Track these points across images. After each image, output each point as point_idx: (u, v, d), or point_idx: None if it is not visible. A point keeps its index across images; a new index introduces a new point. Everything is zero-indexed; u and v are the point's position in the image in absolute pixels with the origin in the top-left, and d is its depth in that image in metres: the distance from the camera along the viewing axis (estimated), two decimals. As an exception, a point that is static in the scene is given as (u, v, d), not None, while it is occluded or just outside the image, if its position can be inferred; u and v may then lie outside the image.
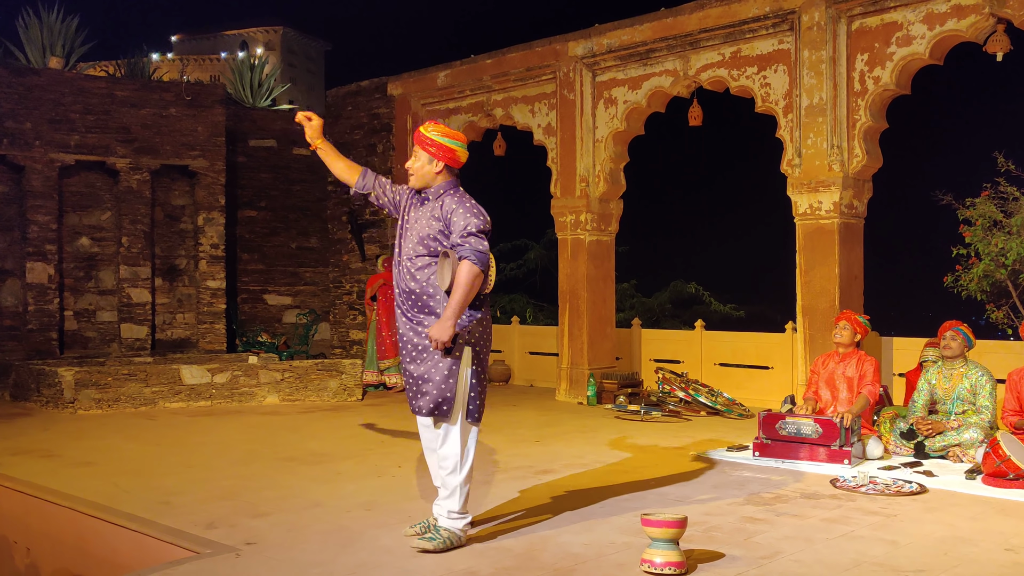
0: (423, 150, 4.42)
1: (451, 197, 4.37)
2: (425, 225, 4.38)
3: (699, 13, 9.25)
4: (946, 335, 6.71)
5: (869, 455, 6.53)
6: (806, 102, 8.52)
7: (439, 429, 4.39)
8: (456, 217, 4.29)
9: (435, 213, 4.36)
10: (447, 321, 4.18)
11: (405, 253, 4.42)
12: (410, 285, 4.38)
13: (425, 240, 4.35)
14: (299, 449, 7.22)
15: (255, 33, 62.82)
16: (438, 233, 4.33)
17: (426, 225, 4.37)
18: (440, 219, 4.34)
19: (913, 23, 7.98)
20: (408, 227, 4.47)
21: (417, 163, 4.43)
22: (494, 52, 11.25)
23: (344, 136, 13.20)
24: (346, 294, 13.12)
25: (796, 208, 8.61)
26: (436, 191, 4.43)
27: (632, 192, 10.63)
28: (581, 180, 10.28)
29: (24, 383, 10.32)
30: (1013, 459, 5.50)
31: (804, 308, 8.55)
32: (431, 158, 4.42)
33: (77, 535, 5.33)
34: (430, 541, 4.23)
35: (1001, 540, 4.46)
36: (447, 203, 4.35)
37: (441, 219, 4.33)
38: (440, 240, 4.33)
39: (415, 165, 4.44)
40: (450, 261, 4.22)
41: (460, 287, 4.17)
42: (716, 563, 4.08)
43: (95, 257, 11.85)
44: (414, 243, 4.39)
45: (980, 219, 8.45)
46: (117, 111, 11.72)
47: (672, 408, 9.01)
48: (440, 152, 4.40)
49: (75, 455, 7.01)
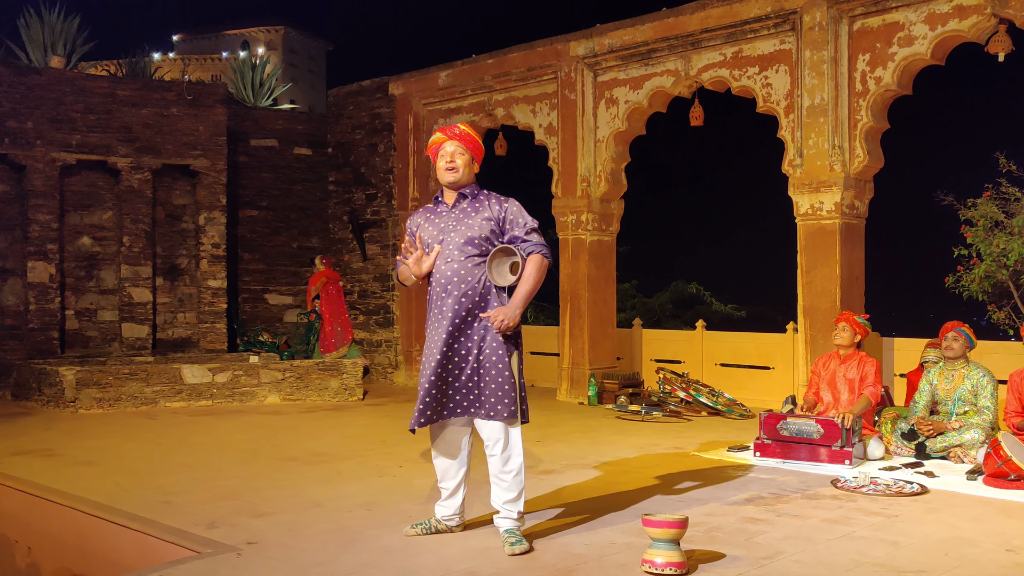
0: (468, 148, 4.48)
1: (495, 197, 4.49)
2: (475, 226, 4.39)
3: (700, 13, 9.25)
4: (948, 336, 6.70)
5: (870, 456, 6.53)
6: (807, 102, 8.52)
7: (499, 433, 4.33)
8: (512, 216, 4.41)
9: (485, 213, 4.42)
10: (516, 308, 4.28)
11: (451, 258, 4.37)
12: (461, 288, 4.33)
13: (476, 240, 4.38)
14: (300, 449, 7.22)
15: (256, 33, 62.84)
16: (490, 233, 4.39)
17: (477, 226, 4.39)
18: (492, 219, 4.40)
19: (915, 23, 7.98)
20: (449, 233, 4.42)
21: (462, 159, 4.46)
22: (495, 52, 11.25)
23: (345, 136, 13.21)
24: (347, 294, 13.13)
25: (797, 208, 8.61)
26: (473, 191, 4.50)
27: (633, 192, 10.64)
28: (582, 180, 10.28)
29: (25, 382, 10.33)
30: (1014, 460, 5.50)
31: (805, 308, 8.55)
32: (473, 159, 4.51)
33: (78, 534, 5.33)
34: (522, 543, 4.22)
35: (1002, 541, 4.45)
36: (494, 202, 4.45)
37: (493, 219, 4.40)
38: (492, 240, 4.39)
39: (460, 161, 4.46)
40: (508, 258, 4.33)
41: (531, 278, 4.31)
42: (717, 563, 4.08)
43: (96, 256, 11.85)
44: (460, 245, 4.38)
45: (981, 220, 8.44)
46: (118, 110, 11.73)
47: (673, 408, 9.01)
48: (478, 153, 4.55)
49: (76, 454, 7.02)
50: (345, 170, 13.21)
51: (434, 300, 4.43)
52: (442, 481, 4.51)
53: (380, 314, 12.72)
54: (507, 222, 4.41)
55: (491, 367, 4.31)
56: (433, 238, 4.47)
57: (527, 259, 4.33)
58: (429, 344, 4.41)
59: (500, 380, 4.29)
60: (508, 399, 4.29)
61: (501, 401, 4.29)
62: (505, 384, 4.29)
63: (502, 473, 4.35)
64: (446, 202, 4.54)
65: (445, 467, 4.49)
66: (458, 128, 4.53)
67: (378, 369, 12.65)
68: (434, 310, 4.42)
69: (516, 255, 4.33)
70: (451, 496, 4.50)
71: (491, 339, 4.33)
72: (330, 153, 13.44)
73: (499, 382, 4.29)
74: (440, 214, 4.52)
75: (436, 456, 4.52)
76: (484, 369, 4.32)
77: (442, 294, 4.38)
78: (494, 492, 4.40)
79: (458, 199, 4.50)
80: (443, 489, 4.51)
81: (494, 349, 4.32)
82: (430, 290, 4.48)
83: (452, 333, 4.32)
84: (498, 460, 4.35)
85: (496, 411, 4.30)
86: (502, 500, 4.36)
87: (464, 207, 4.47)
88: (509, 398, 4.29)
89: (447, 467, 4.48)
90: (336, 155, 13.36)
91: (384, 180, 12.65)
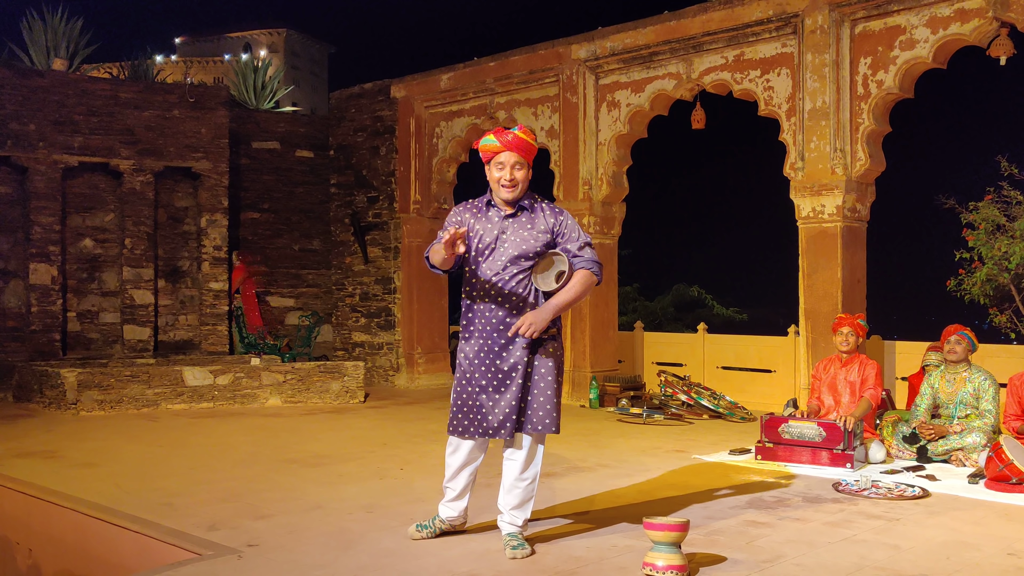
0: (527, 160, 4.31)
1: (549, 207, 4.38)
2: (531, 239, 4.28)
3: (702, 16, 9.26)
4: (950, 339, 6.69)
5: (872, 459, 6.53)
6: (809, 105, 8.52)
7: (529, 444, 4.27)
8: (566, 229, 4.32)
9: (541, 226, 4.30)
10: (547, 313, 4.17)
11: (502, 269, 4.26)
12: (512, 300, 4.24)
13: (530, 254, 4.27)
14: (301, 451, 7.22)
15: (259, 35, 62.87)
16: (543, 247, 4.29)
17: (532, 239, 4.28)
18: (547, 231, 4.30)
19: (916, 27, 7.98)
20: (503, 244, 4.29)
21: (521, 172, 4.29)
22: (497, 55, 11.26)
23: (347, 139, 13.22)
24: (348, 296, 13.13)
25: (799, 211, 8.60)
26: (531, 202, 4.37)
27: (635, 195, 10.64)
28: (584, 183, 10.28)
29: (27, 384, 10.34)
30: (1016, 463, 5.49)
31: (807, 312, 8.54)
32: (529, 168, 4.35)
33: (79, 536, 5.34)
34: (524, 548, 4.21)
35: (1004, 544, 4.45)
36: (548, 214, 4.34)
37: (548, 231, 4.30)
38: (543, 252, 4.29)
39: (520, 175, 4.29)
40: (556, 266, 4.25)
41: (573, 290, 4.23)
42: (718, 567, 4.07)
43: (98, 258, 11.86)
44: (513, 257, 4.26)
45: (983, 223, 8.45)
46: (121, 113, 11.74)
47: (674, 411, 9.00)
48: (532, 158, 4.38)
49: (77, 456, 7.02)
50: (347, 173, 13.22)
51: (479, 310, 4.30)
52: (450, 481, 4.45)
53: (381, 316, 12.72)
54: (561, 235, 4.30)
55: (540, 379, 4.24)
56: (486, 244, 4.32)
57: (575, 272, 4.25)
58: (469, 354, 4.30)
59: (545, 396, 4.24)
60: (552, 415, 4.25)
61: (550, 415, 4.24)
62: (549, 401, 4.24)
63: (518, 480, 4.29)
64: (501, 208, 4.35)
65: (456, 469, 4.41)
66: (517, 136, 4.29)
67: (379, 372, 12.65)
68: (479, 321, 4.29)
69: (566, 264, 4.24)
70: (458, 498, 4.46)
71: (535, 354, 4.25)
72: (332, 156, 13.45)
73: (545, 397, 4.24)
74: (493, 219, 4.35)
75: (452, 456, 4.42)
76: (531, 383, 4.24)
77: (491, 304, 4.27)
78: (504, 496, 4.33)
79: (517, 210, 4.34)
80: (449, 489, 4.46)
81: (537, 367, 4.25)
82: (471, 298, 4.33)
83: (497, 346, 4.25)
84: (517, 467, 4.29)
85: (544, 425, 4.23)
86: (510, 505, 4.31)
87: (522, 219, 4.33)
88: (552, 415, 4.25)
89: (460, 470, 4.41)
90: (338, 158, 13.37)
91: (386, 183, 12.66)
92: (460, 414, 4.31)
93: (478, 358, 4.28)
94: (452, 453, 4.43)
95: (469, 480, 4.45)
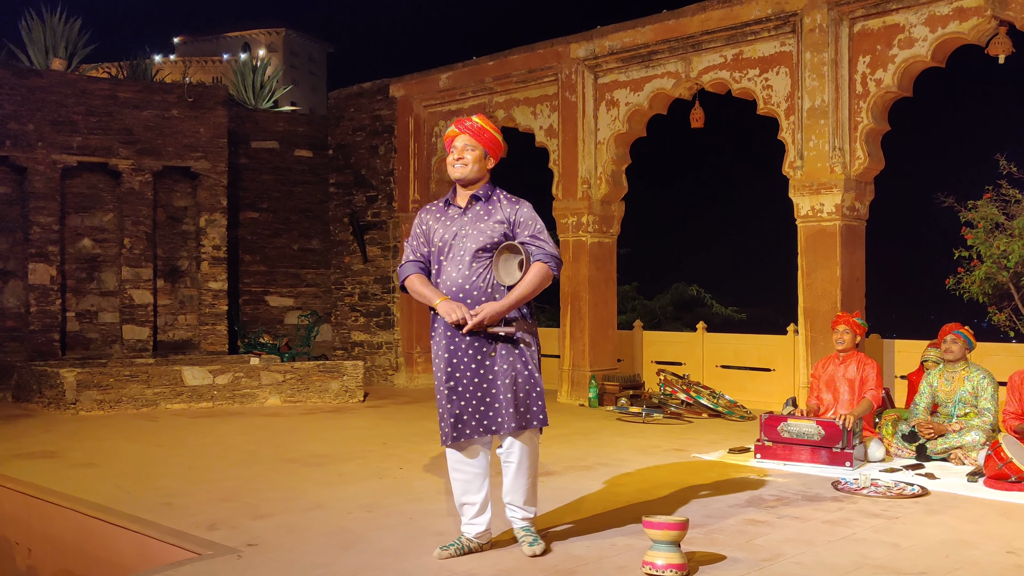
0: (480, 143, 4.24)
1: (508, 198, 4.29)
2: (487, 229, 4.19)
3: (701, 15, 9.26)
4: (947, 338, 6.70)
5: (871, 457, 6.53)
6: (808, 104, 8.52)
7: (518, 440, 4.19)
8: (524, 218, 4.22)
9: (498, 216, 4.21)
10: (504, 307, 4.06)
11: (463, 265, 4.17)
12: (473, 295, 4.13)
13: (489, 247, 4.17)
14: (301, 451, 7.22)
15: (257, 35, 62.84)
16: (502, 236, 4.19)
17: (490, 231, 4.18)
18: (504, 221, 4.21)
19: (915, 25, 7.99)
20: (462, 239, 4.20)
21: (472, 154, 4.22)
22: (496, 54, 11.26)
23: (346, 138, 13.21)
24: (348, 296, 13.13)
25: (798, 210, 8.61)
26: (486, 191, 4.28)
27: (634, 194, 10.64)
28: (583, 182, 10.28)
29: (26, 384, 10.33)
30: (1015, 461, 5.49)
31: (806, 310, 8.55)
32: (487, 153, 4.27)
33: (79, 536, 5.34)
34: (539, 543, 4.18)
35: (1003, 543, 4.45)
36: (505, 203, 4.25)
37: (505, 221, 4.21)
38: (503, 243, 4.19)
39: (470, 156, 4.22)
40: (515, 256, 4.12)
41: (529, 284, 4.11)
42: (717, 565, 4.08)
43: (97, 258, 11.86)
44: (473, 252, 4.16)
45: (982, 221, 8.45)
46: (119, 113, 11.74)
47: (674, 410, 9.00)
48: (494, 149, 4.30)
49: (77, 456, 7.02)
50: (346, 172, 13.22)
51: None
52: (464, 496, 4.24)
53: (380, 316, 12.72)
54: (518, 224, 4.21)
55: (517, 375, 4.13)
56: (445, 242, 4.23)
57: (531, 265, 4.13)
58: (442, 355, 4.19)
59: (524, 391, 4.14)
60: (534, 406, 4.16)
61: (530, 410, 4.15)
62: (530, 393, 4.15)
63: (518, 476, 4.21)
64: (458, 204, 4.29)
65: (467, 481, 4.23)
66: (471, 121, 4.28)
67: (378, 371, 12.65)
68: (445, 323, 4.18)
69: (523, 253, 4.11)
70: (480, 513, 4.24)
71: (505, 348, 4.14)
72: (331, 155, 13.45)
73: (524, 392, 4.13)
74: (452, 216, 4.27)
75: (455, 471, 4.25)
76: (510, 379, 4.12)
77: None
78: (508, 494, 4.24)
79: (471, 201, 4.26)
80: (468, 506, 4.24)
81: (517, 357, 4.15)
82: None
83: (466, 344, 4.14)
84: (513, 466, 4.21)
85: (528, 419, 4.15)
86: (518, 501, 4.24)
87: (477, 210, 4.24)
88: (535, 407, 4.16)
89: (469, 481, 4.23)
90: (337, 157, 13.37)
91: (385, 182, 12.66)
92: (443, 421, 4.19)
93: (449, 358, 4.16)
94: (452, 467, 4.27)
95: (485, 492, 4.24)
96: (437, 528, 4.73)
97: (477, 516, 4.25)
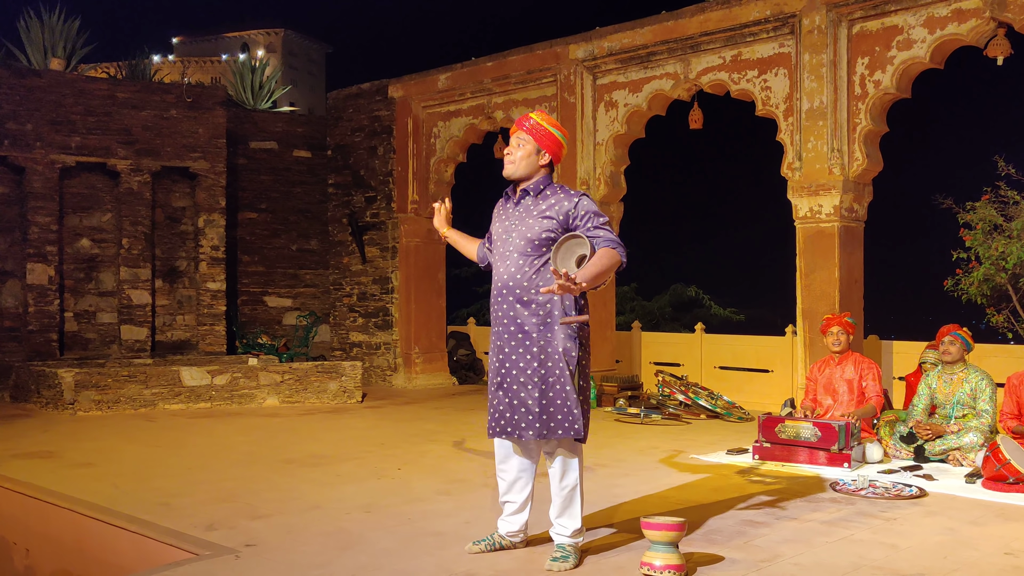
0: (533, 138, 4.14)
1: (565, 191, 4.14)
2: (536, 226, 4.07)
3: (700, 16, 9.26)
4: (944, 340, 6.70)
5: (869, 458, 6.53)
6: (806, 105, 8.53)
7: (558, 448, 4.08)
8: (584, 210, 4.05)
9: (548, 212, 4.07)
10: (582, 279, 3.76)
11: (509, 261, 4.10)
12: (516, 293, 4.04)
13: (535, 241, 4.05)
14: (299, 451, 7.22)
15: (256, 35, 62.81)
16: (551, 232, 4.03)
17: (537, 225, 4.06)
18: (555, 216, 4.05)
19: (914, 27, 7.99)
20: (510, 233, 4.13)
21: (522, 151, 4.13)
22: (495, 55, 11.27)
23: (345, 139, 13.21)
24: (346, 296, 13.13)
25: (796, 211, 8.61)
26: (537, 186, 4.15)
27: (633, 195, 10.64)
28: (582, 183, 10.28)
29: (24, 384, 10.32)
30: (1013, 463, 5.50)
31: (804, 311, 8.55)
32: (539, 148, 4.15)
33: (76, 536, 5.33)
34: (566, 560, 4.00)
35: (1001, 544, 4.45)
36: (563, 196, 4.11)
37: (555, 217, 4.05)
38: (550, 240, 4.04)
39: (520, 152, 4.12)
40: (577, 249, 3.93)
41: (600, 264, 3.87)
42: (716, 566, 4.08)
43: (95, 259, 11.85)
44: (519, 247, 4.07)
45: (980, 223, 8.45)
46: (118, 113, 11.73)
47: (672, 411, 9.00)
48: (550, 144, 4.17)
49: (75, 456, 7.01)
50: (344, 173, 13.22)
51: (492, 305, 4.17)
52: (506, 494, 4.23)
53: (379, 316, 12.72)
54: (578, 217, 4.04)
55: (554, 382, 4.00)
56: (498, 235, 4.21)
57: (598, 250, 3.92)
58: (491, 352, 4.18)
59: (561, 398, 3.99)
60: (570, 416, 3.98)
61: (554, 418, 4.00)
62: (563, 401, 3.98)
63: (559, 488, 4.13)
64: (513, 199, 4.22)
65: (511, 480, 4.21)
66: (529, 119, 4.18)
67: (377, 372, 12.64)
68: (493, 317, 4.15)
69: (587, 247, 3.90)
70: (517, 512, 4.23)
71: (553, 351, 4.01)
72: (329, 156, 13.45)
73: (561, 400, 3.99)
74: (507, 210, 4.22)
75: (499, 467, 4.25)
76: (547, 384, 4.00)
77: (499, 299, 4.12)
78: (551, 506, 4.18)
79: (521, 195, 4.17)
80: (508, 504, 4.24)
81: (556, 362, 4.00)
82: (492, 293, 4.20)
83: (510, 342, 4.07)
84: (555, 475, 4.13)
85: (563, 430, 4.00)
86: (554, 515, 4.15)
87: (527, 204, 4.14)
88: (570, 416, 3.98)
89: (513, 481, 4.20)
90: (335, 158, 13.37)
91: (383, 183, 12.65)
92: (488, 415, 4.19)
93: (497, 359, 4.14)
94: (499, 462, 4.25)
95: (527, 494, 4.21)
96: (435, 529, 4.73)
97: (513, 515, 4.24)
